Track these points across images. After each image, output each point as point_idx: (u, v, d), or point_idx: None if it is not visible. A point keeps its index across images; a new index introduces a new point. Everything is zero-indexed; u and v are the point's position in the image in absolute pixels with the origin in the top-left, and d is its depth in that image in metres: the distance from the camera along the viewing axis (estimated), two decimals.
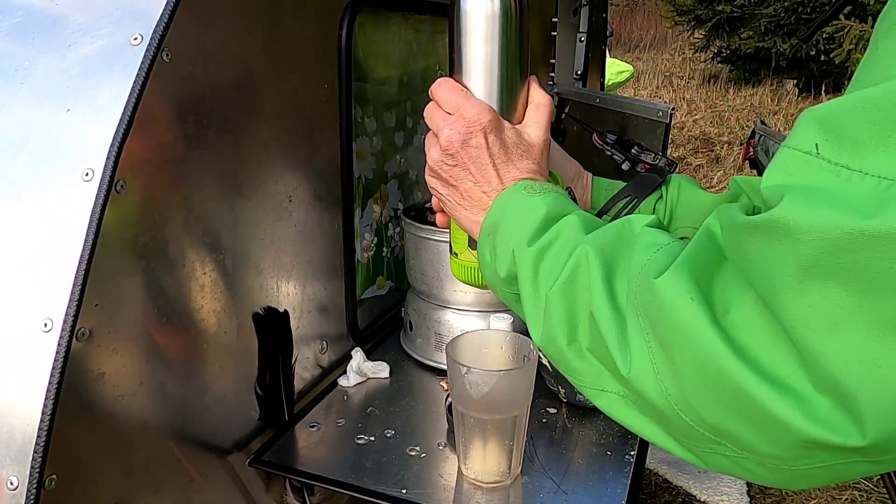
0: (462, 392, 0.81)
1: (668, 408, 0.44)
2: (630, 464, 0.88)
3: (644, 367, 0.45)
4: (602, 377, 0.50)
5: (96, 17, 0.71)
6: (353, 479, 0.85)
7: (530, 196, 0.60)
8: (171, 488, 0.79)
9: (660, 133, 1.56)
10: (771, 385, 0.38)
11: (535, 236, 0.56)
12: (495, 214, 0.61)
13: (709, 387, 0.41)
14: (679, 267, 0.43)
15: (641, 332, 0.45)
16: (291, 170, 0.96)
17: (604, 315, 0.48)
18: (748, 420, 0.40)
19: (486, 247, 0.62)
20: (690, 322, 0.41)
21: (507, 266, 0.58)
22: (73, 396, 0.64)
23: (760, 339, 0.39)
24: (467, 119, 0.62)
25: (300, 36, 0.95)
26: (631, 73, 5.54)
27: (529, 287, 0.55)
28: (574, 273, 0.51)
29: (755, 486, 2.09)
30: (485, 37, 0.63)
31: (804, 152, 0.37)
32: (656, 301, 0.43)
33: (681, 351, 0.42)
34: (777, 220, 0.36)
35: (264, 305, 0.93)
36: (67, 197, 0.64)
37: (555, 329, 0.52)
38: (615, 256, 0.50)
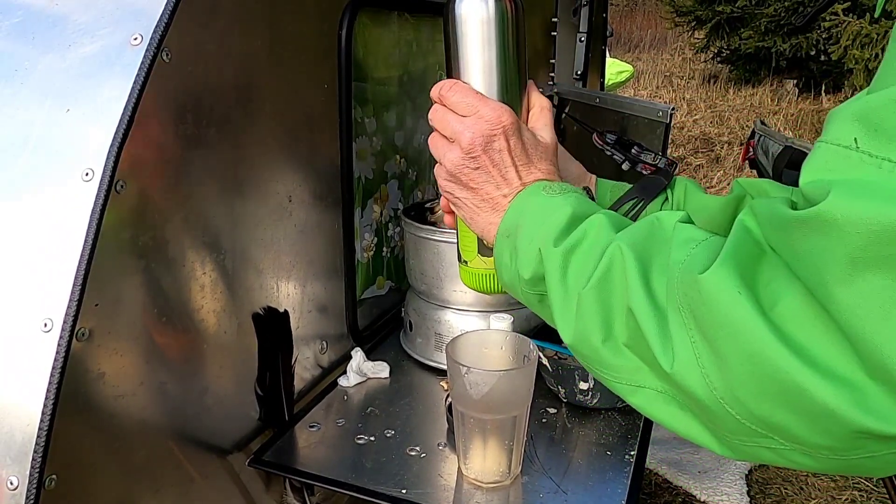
0: (462, 392, 0.81)
1: (713, 402, 0.44)
2: (630, 464, 0.88)
3: (688, 362, 0.45)
4: (640, 373, 0.50)
5: (96, 17, 0.71)
6: (353, 479, 0.85)
7: (551, 196, 0.60)
8: (171, 488, 0.79)
9: (660, 133, 1.56)
10: (823, 376, 0.38)
11: (562, 236, 0.56)
12: (514, 216, 0.61)
13: (758, 380, 0.41)
14: (724, 262, 0.43)
15: (685, 328, 0.45)
16: (291, 170, 0.96)
17: (643, 311, 0.47)
18: (799, 412, 0.40)
19: (506, 248, 0.61)
20: (739, 316, 0.41)
21: (531, 267, 0.58)
22: (73, 396, 0.64)
23: (810, 330, 0.39)
24: (488, 120, 0.62)
25: (300, 36, 0.95)
26: (631, 73, 5.54)
27: (558, 286, 0.55)
28: (608, 270, 0.51)
29: (755, 486, 2.09)
30: (482, 41, 0.63)
31: (844, 147, 0.38)
32: (702, 296, 0.43)
33: (728, 345, 0.42)
34: (825, 213, 0.37)
35: (264, 305, 0.93)
36: (67, 197, 0.64)
37: (588, 327, 0.52)
38: (650, 253, 0.50)
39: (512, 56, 0.64)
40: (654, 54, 11.05)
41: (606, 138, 1.53)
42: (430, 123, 0.66)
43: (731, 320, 0.41)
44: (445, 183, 0.66)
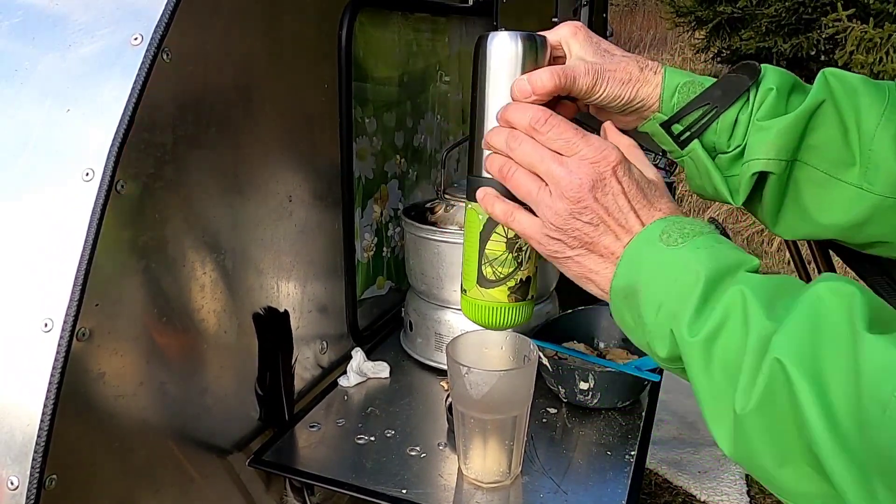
0: (462, 392, 0.81)
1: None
2: (630, 464, 0.88)
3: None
4: (833, 501, 0.40)
5: (96, 17, 0.71)
6: (353, 479, 0.85)
7: (673, 250, 0.50)
8: (171, 488, 0.79)
9: None
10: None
11: (696, 319, 0.47)
12: (629, 273, 0.52)
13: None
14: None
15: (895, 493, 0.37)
16: (291, 170, 0.96)
17: (831, 457, 0.39)
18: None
19: (626, 311, 0.53)
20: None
21: (667, 347, 0.50)
22: (73, 396, 0.64)
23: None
24: (594, 160, 0.53)
25: (300, 36, 0.95)
26: None
27: (705, 388, 0.47)
28: (770, 393, 0.42)
29: (755, 486, 2.09)
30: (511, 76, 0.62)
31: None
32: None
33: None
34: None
35: (264, 305, 0.93)
36: (67, 197, 0.64)
37: (757, 451, 0.44)
38: (826, 376, 0.40)
39: None
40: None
41: None
42: (515, 156, 0.56)
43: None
44: (548, 241, 0.55)
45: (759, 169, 0.64)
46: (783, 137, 0.63)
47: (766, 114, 0.64)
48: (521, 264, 0.66)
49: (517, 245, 0.65)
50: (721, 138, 0.67)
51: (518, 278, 0.67)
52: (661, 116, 0.68)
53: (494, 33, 0.64)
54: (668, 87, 0.68)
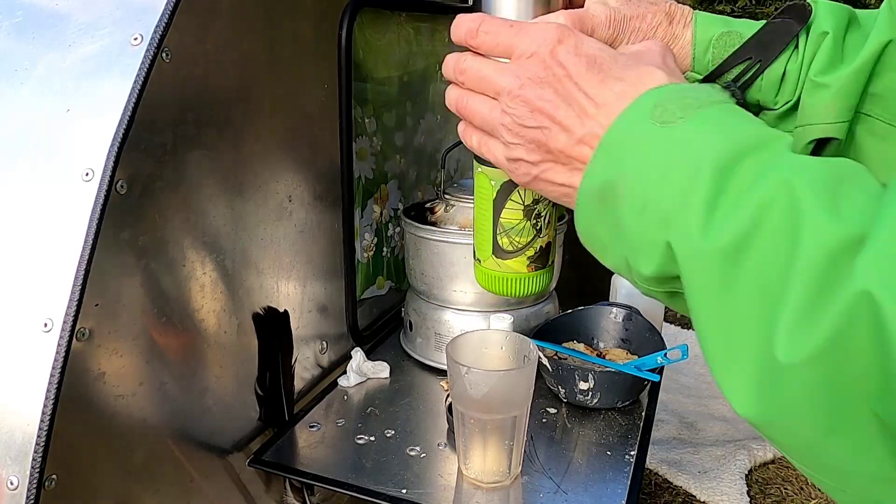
0: (462, 392, 0.81)
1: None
2: (630, 464, 0.88)
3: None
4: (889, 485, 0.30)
5: (96, 17, 0.71)
6: (353, 479, 0.85)
7: (667, 127, 0.36)
8: (171, 488, 0.79)
9: None
10: None
11: (710, 216, 0.32)
12: (605, 167, 0.39)
13: None
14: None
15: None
16: (291, 170, 0.96)
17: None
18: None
19: (597, 220, 0.40)
20: None
21: (655, 262, 0.36)
22: (73, 396, 0.64)
23: None
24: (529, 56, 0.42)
25: (300, 36, 0.95)
26: None
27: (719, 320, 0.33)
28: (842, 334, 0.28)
29: (755, 486, 2.09)
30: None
31: None
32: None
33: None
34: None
35: (264, 305, 0.93)
36: (67, 197, 0.64)
37: (797, 412, 0.31)
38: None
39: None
40: None
41: None
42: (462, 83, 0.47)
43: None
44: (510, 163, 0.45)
45: (819, 136, 0.54)
46: (845, 95, 0.53)
47: (822, 67, 0.53)
48: (540, 231, 0.59)
49: (535, 211, 0.58)
50: (767, 95, 0.56)
51: (537, 246, 0.60)
52: (695, 76, 0.57)
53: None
54: (701, 42, 0.57)
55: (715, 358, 0.34)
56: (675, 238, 0.34)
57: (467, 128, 0.48)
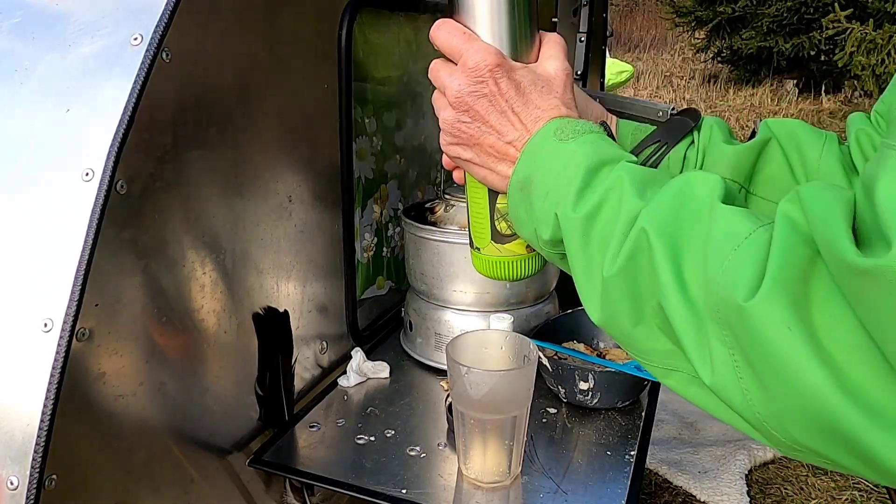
0: (462, 392, 0.81)
1: (754, 420, 0.41)
2: (630, 464, 0.88)
3: (728, 378, 0.41)
4: (674, 356, 0.46)
5: (96, 16, 0.71)
6: (353, 479, 0.85)
7: (563, 143, 0.54)
8: (171, 488, 0.79)
9: None
10: (879, 425, 0.35)
11: (579, 199, 0.51)
12: (525, 167, 0.56)
13: (806, 416, 0.38)
14: (773, 288, 0.38)
15: (724, 343, 0.41)
16: (291, 170, 0.96)
17: (677, 312, 0.43)
18: (853, 453, 0.37)
19: (520, 204, 0.56)
20: (788, 356, 0.37)
21: (550, 228, 0.53)
22: (73, 396, 0.64)
23: (868, 370, 0.35)
24: (471, 67, 0.56)
25: (300, 36, 0.95)
26: (631, 74, 5.54)
27: (580, 259, 0.51)
28: (633, 257, 0.46)
29: (755, 486, 2.09)
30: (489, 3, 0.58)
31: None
32: (746, 326, 0.39)
33: (776, 380, 0.38)
34: (892, 270, 0.32)
35: (264, 305, 0.93)
36: (67, 197, 0.64)
37: (617, 312, 0.48)
38: (682, 240, 0.44)
39: (522, 15, 0.60)
40: (654, 54, 11.05)
41: None
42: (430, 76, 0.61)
43: (780, 359, 0.38)
44: (448, 147, 0.61)
45: None
46: (738, 158, 0.70)
47: (716, 142, 0.73)
48: None
49: None
50: (674, 172, 0.73)
51: None
52: None
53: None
54: (623, 130, 0.78)
55: (581, 288, 0.52)
56: (560, 211, 0.52)
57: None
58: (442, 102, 0.60)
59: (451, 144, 0.60)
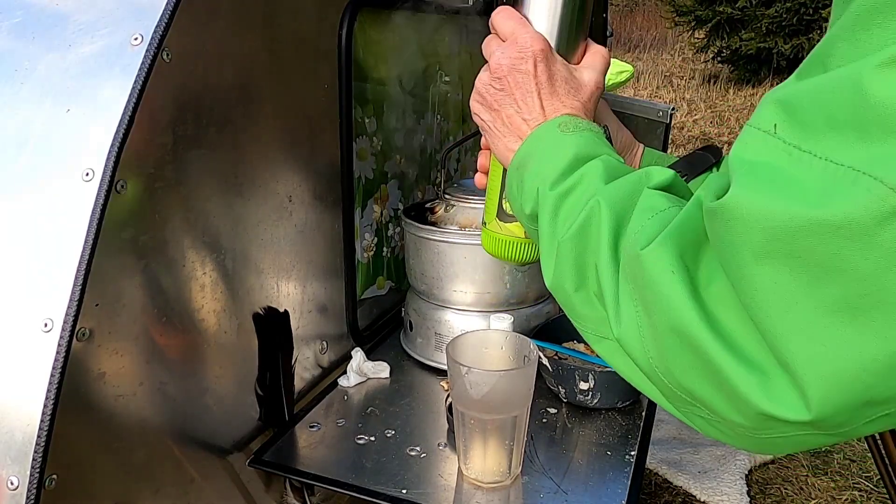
0: (462, 392, 0.81)
1: (650, 370, 0.47)
2: (630, 464, 0.88)
3: (631, 329, 0.47)
4: (604, 324, 0.51)
5: (97, 16, 0.71)
6: (353, 479, 0.85)
7: (563, 134, 0.60)
8: (171, 488, 0.79)
9: (660, 133, 1.56)
10: (737, 359, 0.40)
11: (560, 179, 0.57)
12: (528, 148, 0.61)
13: (685, 355, 0.43)
14: (665, 239, 0.44)
15: (630, 297, 0.47)
16: (291, 170, 0.96)
17: (605, 272, 0.49)
18: (718, 389, 0.42)
19: (515, 180, 0.62)
20: (668, 294, 0.43)
21: (531, 204, 0.59)
22: (73, 396, 0.64)
23: (732, 313, 0.41)
24: (519, 45, 0.62)
25: (300, 36, 0.95)
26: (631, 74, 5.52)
27: (547, 230, 0.56)
28: (586, 224, 0.52)
29: (755, 486, 2.09)
30: (548, 7, 0.64)
31: (763, 131, 0.39)
32: (641, 271, 0.45)
33: (661, 320, 0.44)
34: (730, 207, 0.38)
35: (264, 305, 0.93)
36: (67, 197, 0.64)
37: (564, 275, 0.54)
38: (625, 214, 0.51)
39: (574, 22, 0.65)
40: (654, 54, 11.05)
41: None
42: (483, 53, 0.67)
43: (663, 297, 0.43)
44: (474, 104, 0.66)
45: None
46: None
47: None
48: None
49: None
50: None
51: None
52: None
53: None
54: (647, 159, 0.85)
55: (543, 256, 0.57)
56: (540, 188, 0.58)
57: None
58: (483, 67, 0.66)
59: (477, 102, 0.66)
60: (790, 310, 0.37)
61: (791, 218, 0.35)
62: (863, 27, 0.35)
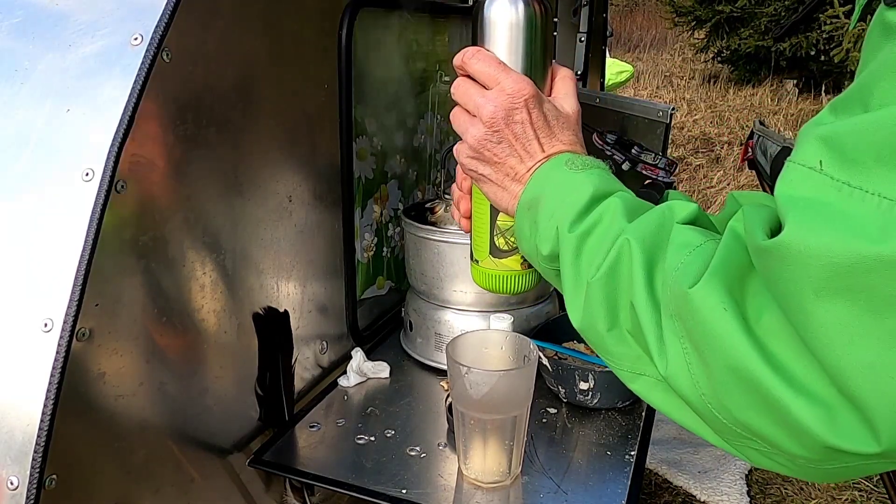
0: (462, 392, 0.81)
1: (702, 406, 0.46)
2: (630, 464, 0.88)
3: (679, 367, 0.47)
4: (641, 361, 0.51)
5: (97, 16, 0.71)
6: (353, 479, 0.85)
7: (574, 172, 0.59)
8: (171, 488, 0.79)
9: (660, 133, 1.56)
10: (798, 393, 0.40)
11: (579, 219, 0.56)
12: (536, 188, 0.61)
13: (742, 391, 0.43)
14: (712, 276, 0.44)
15: (676, 334, 0.47)
16: (291, 170, 0.96)
17: (644, 310, 0.49)
18: (778, 423, 0.42)
19: (526, 220, 0.61)
20: (724, 332, 0.43)
21: (550, 244, 0.58)
22: (73, 396, 0.64)
23: (789, 346, 0.41)
24: (510, 93, 0.60)
25: (300, 36, 0.95)
26: (631, 73, 5.54)
27: (570, 271, 0.56)
28: (616, 263, 0.52)
29: (755, 487, 2.09)
30: (510, 44, 0.63)
31: (808, 167, 0.40)
32: (690, 310, 0.45)
33: (715, 357, 0.44)
34: (787, 245, 0.38)
35: (264, 305, 0.93)
36: (67, 197, 0.64)
37: (595, 315, 0.53)
38: (656, 249, 0.51)
39: (539, 49, 0.64)
40: (654, 54, 11.05)
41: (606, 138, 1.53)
42: (453, 97, 0.64)
43: (717, 335, 0.43)
44: (468, 161, 0.64)
45: None
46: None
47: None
48: None
49: None
50: None
51: None
52: None
53: None
54: None
55: (568, 297, 0.56)
56: (560, 229, 0.57)
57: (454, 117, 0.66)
58: (466, 119, 0.63)
59: (472, 159, 0.64)
60: (854, 343, 0.37)
61: (852, 254, 0.36)
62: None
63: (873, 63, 0.40)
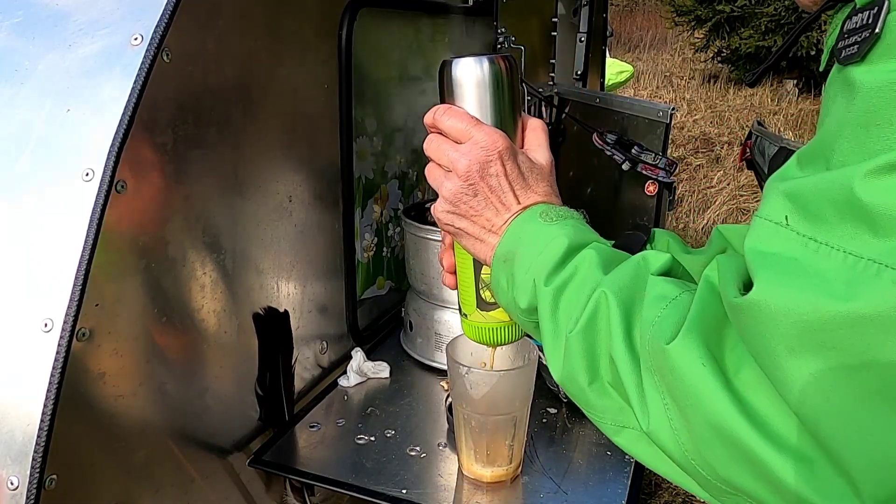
0: (462, 392, 0.81)
1: (685, 461, 0.46)
2: (630, 464, 0.88)
3: (661, 422, 0.46)
4: (624, 413, 0.51)
5: (97, 17, 0.71)
6: (353, 479, 0.85)
7: (548, 225, 0.59)
8: (171, 488, 0.79)
9: (660, 133, 1.56)
10: (779, 449, 0.40)
11: (555, 272, 0.56)
12: (510, 241, 0.60)
13: (723, 447, 0.43)
14: (689, 331, 0.44)
15: (657, 389, 0.47)
16: (291, 170, 0.96)
17: (623, 363, 0.49)
18: (760, 480, 0.41)
19: (502, 273, 0.61)
20: (703, 388, 0.43)
21: (527, 297, 0.58)
22: (73, 396, 0.64)
23: (768, 401, 0.41)
24: (483, 146, 0.60)
25: (300, 36, 0.95)
26: (631, 74, 5.53)
27: (549, 325, 0.56)
28: (594, 316, 0.52)
29: None
30: (479, 100, 0.64)
31: (774, 223, 0.40)
32: (669, 366, 0.45)
33: (695, 413, 0.44)
34: (757, 303, 0.39)
35: (264, 305, 0.93)
36: (67, 197, 0.64)
37: (575, 369, 0.53)
38: (632, 301, 0.51)
39: (508, 105, 0.64)
40: (654, 54, 11.05)
41: (606, 138, 1.53)
42: (426, 153, 0.64)
43: (697, 391, 0.43)
44: (445, 215, 0.63)
45: None
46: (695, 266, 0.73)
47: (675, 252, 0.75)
48: None
49: None
50: None
51: None
52: None
53: (457, 59, 0.65)
54: None
55: (548, 350, 0.56)
56: (537, 283, 0.57)
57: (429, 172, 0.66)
58: (440, 174, 0.63)
59: (449, 212, 0.63)
60: (830, 401, 0.36)
61: (820, 311, 0.35)
62: (864, 130, 0.36)
63: (833, 118, 0.40)
